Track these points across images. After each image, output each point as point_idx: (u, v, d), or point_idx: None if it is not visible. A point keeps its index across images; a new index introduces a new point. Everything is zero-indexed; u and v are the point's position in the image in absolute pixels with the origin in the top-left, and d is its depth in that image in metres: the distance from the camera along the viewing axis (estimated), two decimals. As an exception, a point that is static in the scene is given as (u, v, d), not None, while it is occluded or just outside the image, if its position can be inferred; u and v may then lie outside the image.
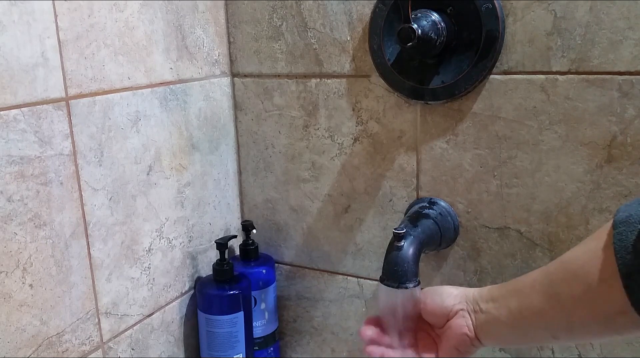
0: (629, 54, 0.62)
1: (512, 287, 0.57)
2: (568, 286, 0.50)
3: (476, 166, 0.73)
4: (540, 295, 0.53)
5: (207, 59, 0.83)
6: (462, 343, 0.59)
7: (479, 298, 0.59)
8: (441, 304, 0.61)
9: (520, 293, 0.55)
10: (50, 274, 0.62)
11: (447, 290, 0.63)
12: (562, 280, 0.51)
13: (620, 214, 0.46)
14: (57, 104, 0.62)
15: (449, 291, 0.62)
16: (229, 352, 0.81)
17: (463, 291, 0.62)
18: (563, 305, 0.51)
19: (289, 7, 0.81)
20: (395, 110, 0.77)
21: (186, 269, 0.83)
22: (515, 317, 0.55)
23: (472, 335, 0.59)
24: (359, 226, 0.84)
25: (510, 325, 0.56)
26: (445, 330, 0.61)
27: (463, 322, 0.59)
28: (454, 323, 0.60)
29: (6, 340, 0.58)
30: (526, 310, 0.54)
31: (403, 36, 0.64)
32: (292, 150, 0.86)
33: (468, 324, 0.59)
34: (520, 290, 0.56)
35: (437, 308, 0.62)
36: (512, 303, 0.56)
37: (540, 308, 0.53)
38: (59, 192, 0.62)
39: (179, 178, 0.80)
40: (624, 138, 0.64)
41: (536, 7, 0.66)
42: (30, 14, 0.58)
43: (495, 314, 0.57)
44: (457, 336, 0.59)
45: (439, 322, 0.62)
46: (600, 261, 0.47)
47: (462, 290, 0.62)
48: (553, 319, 0.52)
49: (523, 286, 0.56)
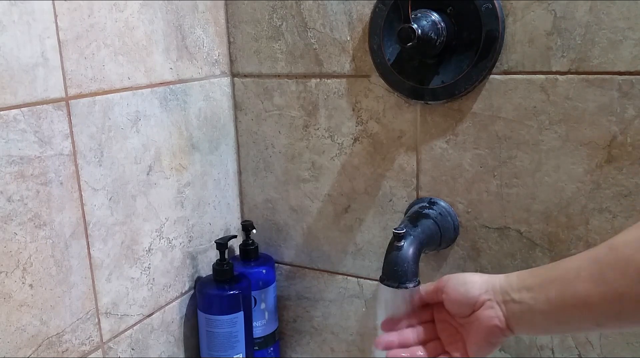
0: (629, 54, 0.62)
1: (549, 274, 0.54)
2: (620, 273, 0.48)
3: (476, 166, 0.73)
4: (587, 283, 0.50)
5: (207, 59, 0.83)
6: (493, 335, 0.57)
7: (508, 287, 0.57)
8: (465, 294, 0.58)
9: (562, 280, 0.53)
10: (50, 274, 0.62)
11: (470, 278, 0.59)
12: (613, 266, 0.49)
13: None
14: (57, 104, 0.62)
15: (472, 279, 0.59)
16: (229, 352, 0.81)
17: (488, 279, 0.59)
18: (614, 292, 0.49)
19: (289, 7, 0.81)
20: (395, 110, 0.77)
21: (186, 269, 0.83)
22: (557, 306, 0.53)
23: (503, 326, 0.56)
24: (359, 226, 0.84)
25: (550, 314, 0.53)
26: (473, 321, 0.58)
27: (492, 313, 0.57)
28: (483, 314, 0.57)
29: (6, 340, 0.58)
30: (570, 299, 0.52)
31: (403, 36, 0.64)
32: (292, 150, 0.86)
33: (498, 315, 0.56)
34: (561, 277, 0.53)
35: (461, 298, 0.59)
36: (551, 292, 0.53)
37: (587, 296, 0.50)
38: (59, 192, 0.62)
39: (179, 178, 0.80)
40: (624, 138, 0.64)
41: (536, 7, 0.66)
42: (30, 14, 0.58)
43: (532, 304, 0.54)
44: (487, 328, 0.57)
45: (463, 312, 0.59)
46: None
47: (487, 278, 0.59)
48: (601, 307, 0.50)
49: (564, 273, 0.53)
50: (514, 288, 0.56)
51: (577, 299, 0.51)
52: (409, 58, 0.73)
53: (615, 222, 0.67)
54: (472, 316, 0.58)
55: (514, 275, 0.57)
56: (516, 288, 0.56)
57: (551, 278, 0.54)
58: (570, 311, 0.52)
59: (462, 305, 0.59)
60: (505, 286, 0.57)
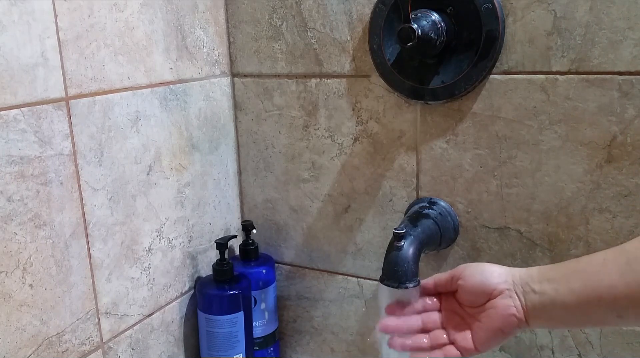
0: (629, 54, 0.62)
1: (573, 266, 0.54)
2: None
3: (476, 166, 0.73)
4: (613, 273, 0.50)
5: (207, 59, 0.83)
6: (508, 324, 0.56)
7: (528, 278, 0.56)
8: (484, 282, 0.57)
9: (585, 272, 0.53)
10: (50, 274, 0.62)
11: (489, 267, 0.59)
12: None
13: None
14: (57, 104, 0.62)
15: (491, 269, 0.58)
16: (229, 352, 0.81)
17: (508, 270, 0.58)
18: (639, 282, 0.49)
19: (289, 7, 0.81)
20: (395, 110, 0.77)
21: (186, 269, 0.83)
22: (580, 297, 0.52)
23: (520, 317, 0.56)
24: (359, 226, 0.84)
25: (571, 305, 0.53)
26: (487, 309, 0.57)
27: (510, 302, 0.56)
28: (500, 303, 0.56)
29: (6, 340, 0.58)
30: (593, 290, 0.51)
31: (403, 36, 0.64)
32: (292, 150, 0.86)
33: (516, 305, 0.56)
34: (585, 269, 0.53)
35: (478, 286, 0.58)
36: (575, 283, 0.53)
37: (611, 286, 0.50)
38: (59, 192, 0.62)
39: (179, 178, 0.80)
40: (624, 138, 0.64)
41: (536, 7, 0.66)
42: (30, 14, 0.58)
43: (553, 295, 0.54)
44: (503, 317, 0.56)
45: (477, 301, 0.58)
46: None
47: (507, 269, 0.58)
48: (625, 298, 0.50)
49: (587, 266, 0.53)
50: (535, 280, 0.55)
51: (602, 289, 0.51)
52: (409, 58, 0.73)
53: (615, 222, 0.67)
54: (487, 304, 0.57)
55: (534, 268, 0.57)
56: (537, 279, 0.55)
57: (575, 269, 0.54)
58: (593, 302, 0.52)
59: (478, 293, 0.58)
60: (526, 277, 0.56)
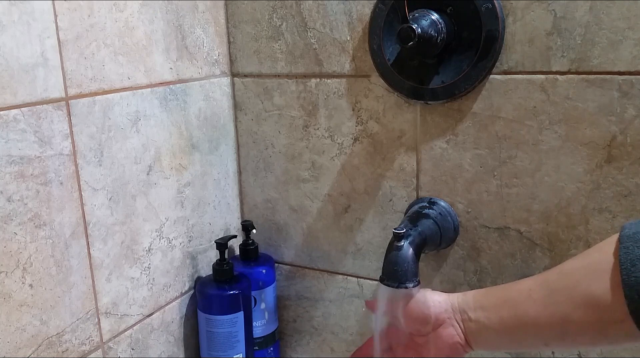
0: (629, 54, 0.62)
1: (503, 295, 0.57)
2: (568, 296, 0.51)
3: (476, 166, 0.73)
4: (537, 304, 0.53)
5: (207, 59, 0.83)
6: (455, 351, 0.60)
7: (465, 306, 0.60)
8: (425, 312, 0.61)
9: (513, 301, 0.56)
10: (50, 274, 0.62)
11: (430, 296, 0.62)
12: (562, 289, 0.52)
13: (626, 231, 0.49)
14: (57, 104, 0.62)
15: (432, 298, 0.62)
16: (229, 352, 0.81)
17: (447, 298, 0.61)
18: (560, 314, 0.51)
19: (289, 7, 0.81)
20: (395, 110, 0.77)
21: (186, 269, 0.83)
22: (508, 326, 0.56)
23: (463, 343, 0.59)
24: (359, 226, 0.84)
25: (502, 333, 0.57)
26: (434, 339, 0.61)
27: (453, 331, 0.59)
28: (444, 332, 0.60)
29: (6, 340, 0.58)
30: (520, 319, 0.55)
31: (403, 36, 0.64)
32: (292, 150, 0.86)
33: (458, 333, 0.59)
34: (513, 298, 0.56)
35: (422, 317, 0.61)
36: (504, 312, 0.56)
37: (536, 317, 0.53)
38: (58, 192, 0.62)
39: (179, 178, 0.80)
40: (624, 138, 0.64)
41: (536, 7, 0.66)
42: (30, 14, 0.58)
43: (486, 323, 0.57)
44: (449, 345, 0.60)
45: (423, 330, 0.62)
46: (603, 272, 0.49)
47: (446, 297, 0.62)
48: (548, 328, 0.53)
49: (516, 295, 0.56)
50: (471, 307, 0.59)
51: (527, 320, 0.54)
52: (409, 58, 0.73)
53: (615, 222, 0.67)
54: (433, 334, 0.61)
55: (470, 294, 0.60)
56: (472, 307, 0.59)
57: (504, 299, 0.57)
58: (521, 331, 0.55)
59: (421, 323, 0.62)
60: (463, 304, 0.60)
